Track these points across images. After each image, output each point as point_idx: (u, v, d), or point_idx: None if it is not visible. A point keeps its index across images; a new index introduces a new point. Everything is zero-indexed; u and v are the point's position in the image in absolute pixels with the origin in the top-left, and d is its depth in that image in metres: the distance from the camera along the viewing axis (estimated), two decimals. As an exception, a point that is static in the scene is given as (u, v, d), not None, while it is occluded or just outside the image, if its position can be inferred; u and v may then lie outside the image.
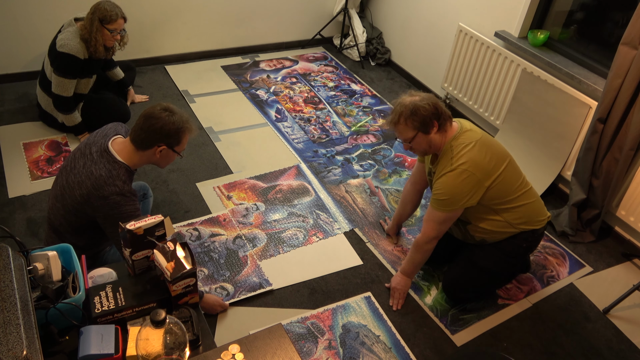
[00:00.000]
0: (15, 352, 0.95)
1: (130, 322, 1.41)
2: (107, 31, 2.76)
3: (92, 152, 1.85)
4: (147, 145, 1.85)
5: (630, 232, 2.77)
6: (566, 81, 2.86)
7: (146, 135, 1.83)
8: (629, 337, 2.30)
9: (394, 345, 2.14)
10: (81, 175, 1.81)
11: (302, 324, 2.19)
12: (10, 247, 1.18)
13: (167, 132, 1.84)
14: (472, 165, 1.97)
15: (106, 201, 1.78)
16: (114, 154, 1.84)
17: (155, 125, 1.82)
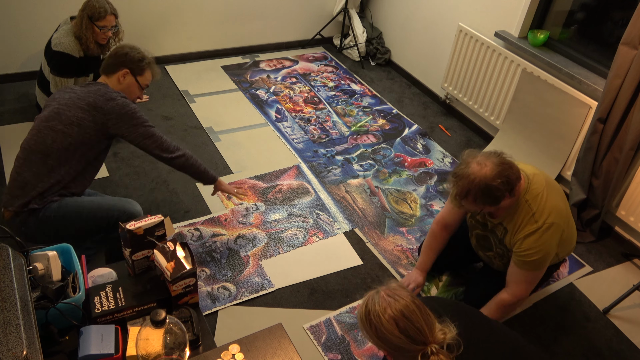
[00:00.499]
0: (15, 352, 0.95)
1: (130, 322, 1.41)
2: (96, 28, 2.75)
3: (74, 89, 2.04)
4: (112, 69, 2.06)
5: (630, 232, 2.78)
6: (566, 81, 2.86)
7: (112, 60, 2.07)
8: (629, 337, 2.30)
9: None
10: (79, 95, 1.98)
11: (351, 314, 2.25)
12: (10, 247, 1.18)
13: (131, 57, 2.07)
14: (557, 216, 1.86)
15: (115, 102, 1.98)
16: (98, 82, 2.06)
17: (121, 51, 2.08)
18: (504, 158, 1.81)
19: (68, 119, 1.94)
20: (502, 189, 1.75)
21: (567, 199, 2.84)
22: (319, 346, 2.10)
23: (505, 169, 1.77)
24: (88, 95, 1.98)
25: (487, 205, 1.82)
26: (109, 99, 1.97)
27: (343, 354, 2.08)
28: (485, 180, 1.74)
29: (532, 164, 3.03)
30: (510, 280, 2.00)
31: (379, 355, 2.09)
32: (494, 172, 1.74)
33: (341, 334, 2.17)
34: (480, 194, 1.76)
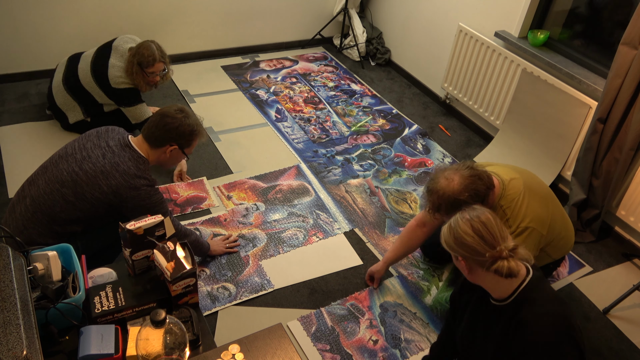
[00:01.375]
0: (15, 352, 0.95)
1: (130, 322, 1.41)
2: (145, 74, 2.78)
3: (109, 145, 1.88)
4: (159, 143, 1.91)
5: (630, 232, 2.78)
6: (566, 81, 2.86)
7: (161, 133, 1.90)
8: (629, 337, 2.30)
9: (431, 320, 2.26)
10: (104, 166, 1.83)
11: (342, 306, 2.28)
12: (10, 247, 1.18)
13: (181, 132, 1.91)
14: (533, 220, 1.88)
15: (138, 192, 1.85)
16: (136, 149, 1.90)
17: (171, 124, 1.90)
18: (474, 170, 1.85)
19: (83, 195, 1.82)
20: (470, 202, 1.77)
21: (567, 201, 2.85)
22: (309, 336, 2.13)
23: (473, 181, 1.81)
24: (115, 170, 1.83)
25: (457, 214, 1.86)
26: (132, 187, 1.84)
27: (332, 345, 2.11)
28: (454, 194, 1.80)
29: (532, 164, 3.06)
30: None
31: (368, 346, 2.12)
32: (462, 186, 1.80)
33: (331, 325, 2.19)
34: (450, 207, 1.81)
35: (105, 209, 1.87)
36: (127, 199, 1.84)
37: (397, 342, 2.16)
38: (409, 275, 2.46)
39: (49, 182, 1.86)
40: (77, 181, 1.82)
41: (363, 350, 2.11)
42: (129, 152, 1.88)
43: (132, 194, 1.84)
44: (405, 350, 2.13)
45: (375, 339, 2.16)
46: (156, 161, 1.96)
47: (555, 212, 2.03)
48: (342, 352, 2.09)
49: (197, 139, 1.99)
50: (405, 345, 2.15)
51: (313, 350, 2.08)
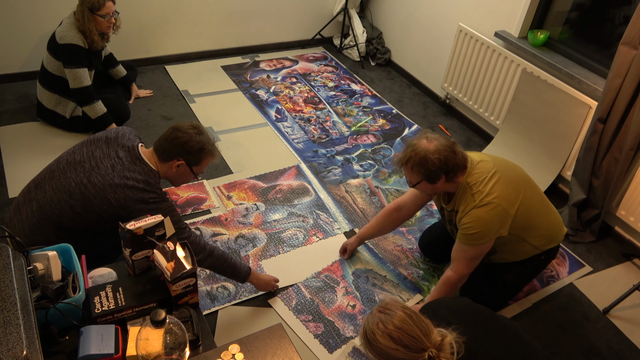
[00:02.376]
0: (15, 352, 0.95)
1: (130, 322, 1.41)
2: (99, 18, 2.77)
3: (119, 155, 1.83)
4: (167, 156, 1.86)
5: (630, 232, 2.78)
6: (566, 81, 2.86)
7: (169, 146, 1.85)
8: (629, 337, 2.30)
9: (400, 280, 2.43)
10: (113, 179, 1.77)
11: (317, 278, 2.40)
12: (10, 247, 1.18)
13: (189, 148, 1.85)
14: (497, 197, 1.93)
15: (147, 205, 1.80)
16: (147, 163, 1.85)
17: (180, 138, 1.84)
18: (455, 147, 1.95)
19: (91, 207, 1.79)
20: (437, 165, 1.89)
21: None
22: (291, 310, 2.23)
23: (448, 153, 1.91)
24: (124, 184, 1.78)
25: (422, 178, 1.95)
26: (139, 201, 1.79)
27: (313, 315, 2.22)
28: (426, 152, 1.90)
29: (532, 164, 3.06)
30: (454, 258, 2.09)
31: (347, 311, 2.25)
32: (437, 149, 1.90)
33: (310, 297, 2.30)
34: (417, 162, 1.91)
35: (112, 220, 1.83)
36: (135, 211, 1.79)
37: (373, 303, 2.30)
38: (409, 275, 2.47)
39: (56, 190, 1.83)
40: (85, 194, 1.79)
41: (343, 316, 2.23)
42: (139, 166, 1.83)
43: (139, 206, 1.79)
44: None
45: (353, 304, 2.29)
46: (164, 176, 1.92)
47: (532, 198, 2.05)
48: (324, 320, 2.21)
49: (207, 158, 1.92)
50: None
51: (297, 322, 2.19)
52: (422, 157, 1.90)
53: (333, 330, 2.17)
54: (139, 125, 3.25)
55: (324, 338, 2.13)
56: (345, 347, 2.12)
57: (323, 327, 2.17)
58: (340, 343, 2.12)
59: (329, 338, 2.14)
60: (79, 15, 2.77)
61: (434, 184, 1.96)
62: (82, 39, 2.81)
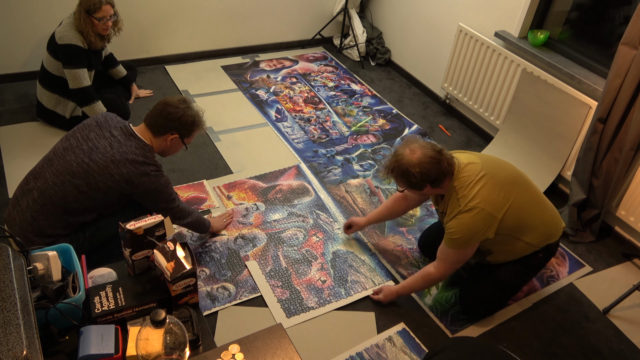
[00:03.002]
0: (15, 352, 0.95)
1: (130, 322, 1.41)
2: (95, 20, 2.77)
3: (113, 134, 1.94)
4: (162, 131, 1.98)
5: (630, 232, 2.78)
6: (566, 81, 2.86)
7: (164, 121, 1.97)
8: (629, 337, 2.30)
9: (377, 266, 2.50)
10: (114, 155, 1.89)
11: (297, 251, 2.52)
12: (10, 247, 1.18)
13: (184, 122, 1.99)
14: (482, 201, 1.96)
15: (149, 177, 1.94)
16: (140, 137, 1.96)
17: (174, 113, 1.97)
18: (439, 155, 1.95)
19: (96, 184, 1.89)
20: (418, 178, 1.93)
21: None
22: (263, 274, 2.37)
23: (430, 163, 1.93)
24: (125, 159, 1.90)
25: (406, 186, 2.01)
26: (143, 174, 1.93)
27: (283, 282, 2.35)
28: (407, 165, 1.94)
29: (532, 164, 3.06)
30: (438, 257, 2.13)
31: (316, 285, 2.35)
32: (418, 161, 1.93)
33: (285, 267, 2.43)
34: (400, 174, 1.97)
35: (117, 196, 1.95)
36: (139, 184, 1.93)
37: (344, 282, 2.39)
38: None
39: (57, 173, 1.90)
40: (88, 172, 1.88)
41: (311, 288, 2.34)
42: (134, 141, 1.94)
43: (142, 180, 1.93)
44: (350, 289, 2.36)
45: (324, 279, 2.39)
46: (158, 149, 2.03)
47: (524, 197, 2.05)
48: (292, 288, 2.33)
49: (197, 130, 2.08)
50: (350, 285, 2.38)
51: (266, 285, 2.33)
52: (403, 170, 1.95)
53: (297, 298, 2.28)
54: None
55: (285, 303, 2.26)
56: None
57: (288, 294, 2.30)
58: (301, 310, 2.23)
59: (291, 304, 2.26)
60: (77, 15, 2.77)
61: (420, 191, 2.02)
62: (81, 39, 2.81)
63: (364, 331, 2.19)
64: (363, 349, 2.11)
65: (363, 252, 2.56)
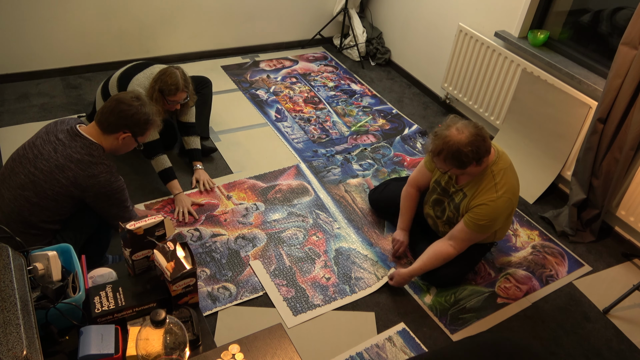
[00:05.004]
0: (15, 352, 0.95)
1: (130, 322, 1.41)
2: (166, 101, 2.63)
3: (59, 138, 1.85)
4: (112, 129, 1.89)
5: (630, 232, 2.78)
6: (566, 81, 2.86)
7: (115, 119, 1.87)
8: (629, 337, 2.30)
9: (380, 259, 2.53)
10: (57, 160, 1.80)
11: (300, 250, 2.53)
12: (10, 247, 1.18)
13: (136, 120, 1.90)
14: (513, 192, 2.09)
15: (97, 179, 1.83)
16: (87, 137, 1.86)
17: (126, 111, 1.87)
18: (481, 131, 2.01)
19: (44, 192, 1.80)
20: (470, 156, 1.98)
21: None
22: (268, 273, 2.38)
23: (479, 140, 1.98)
24: (69, 160, 1.81)
25: (454, 167, 2.04)
26: (90, 176, 1.82)
27: (288, 280, 2.37)
28: (458, 145, 1.96)
29: (532, 164, 3.06)
30: (457, 237, 2.20)
31: (321, 283, 2.37)
32: (468, 140, 1.97)
33: (289, 265, 2.44)
34: (451, 155, 1.99)
35: (69, 202, 1.86)
36: (87, 187, 1.83)
37: (348, 279, 2.41)
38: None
39: (10, 188, 1.84)
40: (35, 182, 1.80)
41: (316, 286, 2.36)
42: (80, 141, 1.84)
43: (91, 182, 1.83)
44: (354, 286, 2.38)
45: (328, 276, 2.41)
46: (108, 148, 1.93)
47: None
48: (297, 287, 2.34)
49: (151, 129, 2.00)
50: (354, 282, 2.40)
51: (271, 284, 2.34)
52: (455, 150, 1.97)
53: (302, 296, 2.30)
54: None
55: (291, 302, 2.27)
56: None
57: (294, 293, 2.31)
58: (307, 308, 2.24)
59: (297, 303, 2.27)
60: (150, 90, 2.59)
61: (464, 169, 2.06)
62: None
63: (364, 331, 2.19)
64: (363, 349, 2.11)
65: (366, 248, 2.58)
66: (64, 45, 3.50)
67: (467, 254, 2.30)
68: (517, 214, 2.92)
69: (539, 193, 3.02)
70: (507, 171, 2.10)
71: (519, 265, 2.60)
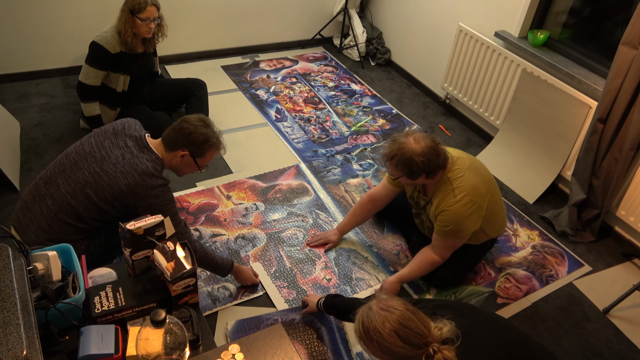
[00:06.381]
0: (15, 352, 0.95)
1: (130, 322, 1.41)
2: (138, 21, 2.67)
3: (128, 144, 1.92)
4: (173, 146, 1.93)
5: (630, 232, 2.78)
6: (566, 81, 2.86)
7: (175, 136, 1.92)
8: (629, 337, 2.30)
9: (381, 263, 2.52)
10: (124, 166, 1.86)
11: (300, 251, 2.53)
12: (10, 247, 1.18)
13: (193, 139, 1.91)
14: (473, 194, 2.08)
15: (153, 191, 1.88)
16: (154, 151, 1.94)
17: (186, 129, 1.91)
18: (438, 147, 2.04)
19: (104, 195, 1.85)
20: (420, 167, 2.00)
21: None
22: (269, 275, 2.37)
23: (432, 154, 2.00)
24: (134, 170, 1.86)
25: (404, 175, 2.06)
26: (148, 187, 1.87)
27: (289, 282, 2.36)
28: (412, 153, 1.99)
29: (532, 164, 3.07)
30: (436, 245, 2.23)
31: (322, 284, 2.37)
32: (422, 151, 1.99)
33: (289, 267, 2.44)
34: (402, 162, 2.01)
35: (122, 208, 1.91)
36: (143, 197, 1.87)
37: (349, 280, 2.41)
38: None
39: (70, 182, 1.88)
40: (99, 182, 1.85)
41: (317, 287, 2.36)
42: (147, 154, 1.91)
43: (147, 192, 1.87)
44: (355, 286, 2.39)
45: (329, 277, 2.41)
46: (169, 165, 1.98)
47: (496, 194, 2.24)
48: (298, 288, 2.34)
49: (211, 151, 1.98)
50: (355, 283, 2.41)
51: (272, 286, 2.33)
52: (407, 158, 1.99)
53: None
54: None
55: (293, 303, 2.26)
56: None
57: (295, 294, 2.31)
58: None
59: (298, 304, 2.25)
60: (120, 15, 2.69)
61: (413, 180, 2.08)
62: (114, 43, 2.73)
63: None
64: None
65: (365, 250, 2.57)
66: (64, 45, 3.50)
67: (465, 254, 2.30)
68: (517, 214, 2.92)
69: (539, 193, 3.02)
70: (466, 173, 2.09)
71: (519, 265, 2.60)
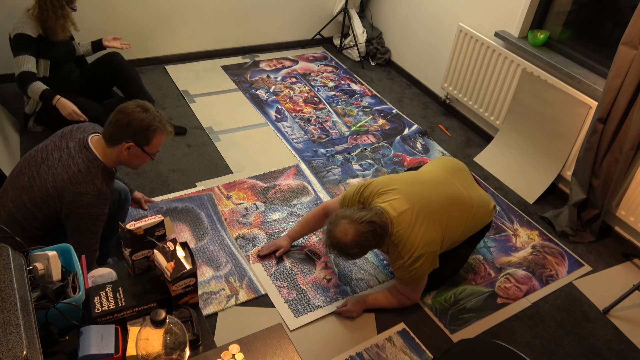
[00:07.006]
0: (15, 352, 0.95)
1: (130, 322, 1.41)
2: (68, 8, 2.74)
3: (69, 146, 1.79)
4: (114, 140, 1.78)
5: (630, 232, 2.78)
6: (566, 81, 2.86)
7: (114, 130, 1.77)
8: (629, 337, 2.30)
9: (380, 264, 2.53)
10: (56, 168, 1.74)
11: (300, 251, 2.53)
12: (10, 247, 1.18)
13: (133, 128, 1.77)
14: (421, 247, 2.04)
15: (80, 197, 1.73)
16: (93, 151, 1.79)
17: (122, 120, 1.76)
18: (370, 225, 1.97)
19: (34, 200, 1.73)
20: (359, 253, 2.03)
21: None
22: (269, 276, 2.37)
23: (366, 238, 1.98)
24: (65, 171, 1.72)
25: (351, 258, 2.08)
26: (76, 192, 1.72)
27: (289, 282, 2.36)
28: (345, 246, 1.99)
29: (532, 164, 3.06)
30: (400, 289, 2.23)
31: (322, 284, 2.37)
32: (353, 241, 1.97)
33: (289, 267, 2.44)
34: (341, 253, 2.03)
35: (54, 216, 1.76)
36: (67, 203, 1.72)
37: (349, 280, 2.42)
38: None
39: (14, 188, 1.78)
40: (32, 187, 1.74)
41: (317, 287, 2.36)
42: (84, 154, 1.77)
43: (72, 198, 1.71)
44: (355, 287, 2.39)
45: (329, 278, 2.42)
46: (117, 161, 1.84)
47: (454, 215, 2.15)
48: (298, 288, 2.34)
49: (157, 136, 1.83)
50: (356, 283, 2.41)
51: (272, 286, 2.33)
52: (342, 250, 2.01)
53: (304, 298, 2.30)
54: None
55: (293, 304, 2.27)
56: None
57: (295, 294, 2.31)
58: (308, 310, 2.25)
59: (298, 304, 2.27)
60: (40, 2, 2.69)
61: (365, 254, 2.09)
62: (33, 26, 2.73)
63: (364, 331, 2.19)
64: (363, 349, 2.11)
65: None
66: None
67: (453, 253, 2.29)
68: (517, 214, 2.92)
69: (539, 193, 3.02)
70: (410, 230, 2.02)
71: (519, 265, 2.60)
